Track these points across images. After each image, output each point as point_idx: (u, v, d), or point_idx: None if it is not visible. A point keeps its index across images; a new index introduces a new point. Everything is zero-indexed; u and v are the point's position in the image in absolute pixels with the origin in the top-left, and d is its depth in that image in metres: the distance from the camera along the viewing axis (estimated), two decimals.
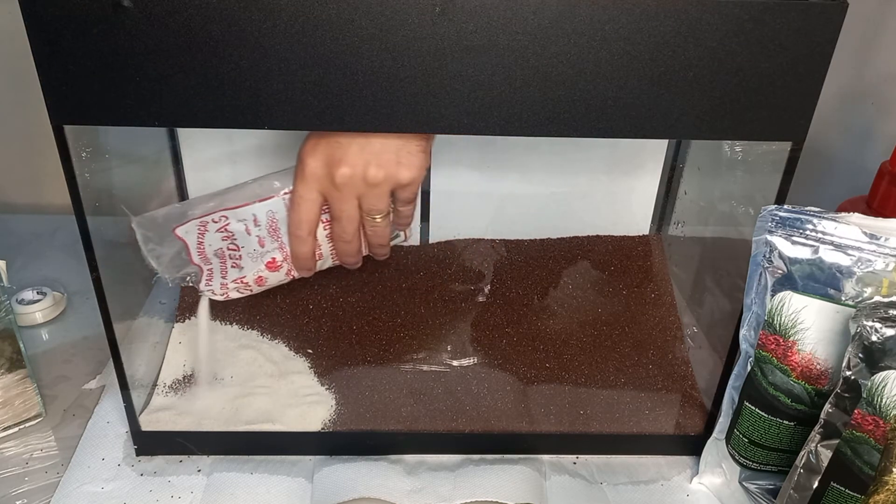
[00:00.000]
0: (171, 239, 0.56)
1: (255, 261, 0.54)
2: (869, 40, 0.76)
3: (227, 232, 0.55)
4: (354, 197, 0.49)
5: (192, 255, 0.55)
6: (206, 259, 0.55)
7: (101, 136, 0.51)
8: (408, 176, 0.48)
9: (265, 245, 0.54)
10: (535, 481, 0.54)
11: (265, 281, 0.55)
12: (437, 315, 0.63)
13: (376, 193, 0.49)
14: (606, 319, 0.63)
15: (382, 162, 0.47)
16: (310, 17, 0.39)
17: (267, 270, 0.54)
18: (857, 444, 0.43)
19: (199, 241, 0.55)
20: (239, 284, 0.55)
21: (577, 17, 0.39)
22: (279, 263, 0.54)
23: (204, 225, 0.55)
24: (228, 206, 0.55)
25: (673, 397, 0.59)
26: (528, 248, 0.68)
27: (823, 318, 0.46)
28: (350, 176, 0.48)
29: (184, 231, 0.55)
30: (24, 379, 0.56)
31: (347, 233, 0.51)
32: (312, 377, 0.59)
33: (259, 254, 0.54)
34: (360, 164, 0.47)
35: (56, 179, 0.44)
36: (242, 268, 0.55)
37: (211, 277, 0.55)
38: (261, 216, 0.54)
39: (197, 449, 0.55)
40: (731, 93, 0.42)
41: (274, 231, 0.54)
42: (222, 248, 0.55)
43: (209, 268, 0.55)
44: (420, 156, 0.48)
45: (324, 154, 0.48)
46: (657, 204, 0.69)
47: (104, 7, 0.38)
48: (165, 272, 0.56)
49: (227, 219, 0.55)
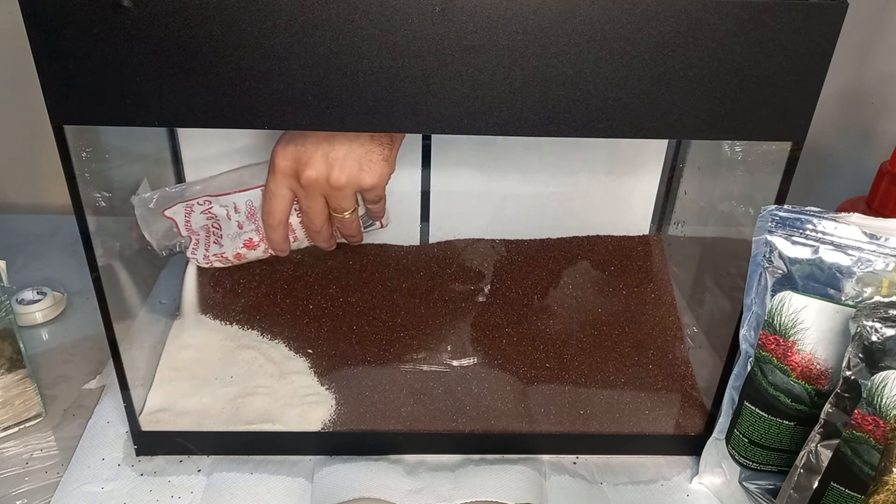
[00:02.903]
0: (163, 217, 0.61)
1: (233, 240, 0.61)
2: (869, 40, 0.76)
3: (210, 214, 0.61)
4: (320, 196, 0.53)
5: (181, 229, 0.61)
6: (193, 231, 0.62)
7: (101, 136, 0.51)
8: (369, 182, 0.52)
9: (243, 227, 0.60)
10: (535, 481, 0.54)
11: (244, 257, 0.61)
12: (437, 315, 0.63)
13: (340, 195, 0.53)
14: (606, 319, 0.63)
15: (345, 167, 0.51)
16: (310, 17, 0.39)
17: (245, 248, 0.60)
18: (857, 444, 0.43)
19: (186, 219, 0.61)
20: (220, 258, 0.61)
21: (577, 17, 0.39)
22: (256, 243, 0.60)
23: (189, 207, 0.61)
24: (212, 192, 0.61)
25: (673, 397, 0.59)
26: (528, 248, 0.68)
27: (823, 318, 0.46)
28: (315, 178, 0.51)
29: (172, 212, 0.61)
30: (24, 379, 0.56)
31: (315, 225, 0.56)
32: (312, 377, 0.59)
33: (237, 234, 0.60)
34: (324, 169, 0.51)
35: (56, 179, 0.44)
36: (223, 245, 0.61)
37: (196, 247, 0.62)
38: (240, 204, 0.60)
39: (197, 449, 0.55)
40: (731, 93, 0.42)
41: (251, 216, 0.60)
42: (207, 225, 0.62)
43: (196, 238, 0.62)
44: (381, 164, 0.51)
45: (292, 155, 0.52)
46: (657, 204, 0.69)
47: (104, 7, 0.38)
48: (157, 243, 0.62)
49: (210, 203, 0.60)
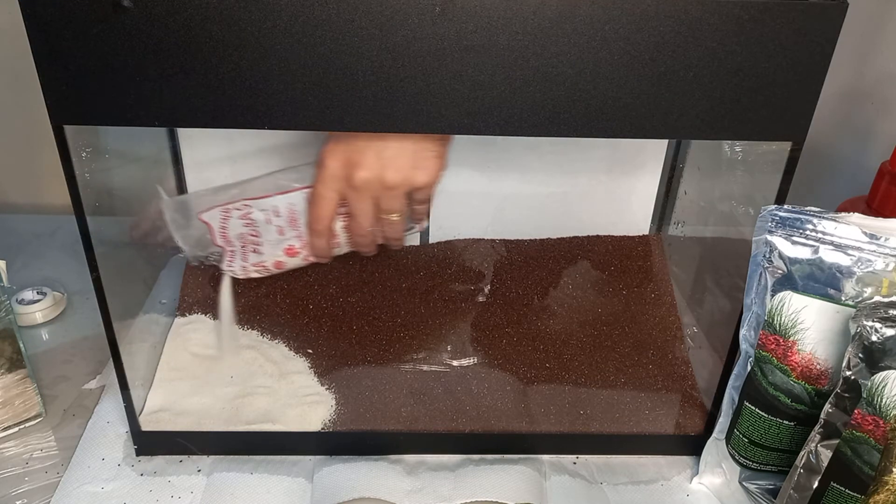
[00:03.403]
0: (197, 221, 0.58)
1: (273, 247, 0.57)
2: (869, 40, 0.76)
3: (248, 220, 0.57)
4: (371, 198, 0.51)
5: (216, 237, 0.58)
6: (228, 241, 0.58)
7: (101, 136, 0.51)
8: (423, 180, 0.50)
9: (284, 234, 0.57)
10: (535, 481, 0.54)
11: (284, 265, 0.59)
12: (437, 315, 0.63)
13: (392, 195, 0.51)
14: (606, 319, 0.63)
15: (399, 166, 0.49)
16: (310, 17, 0.39)
17: (285, 256, 0.57)
18: (857, 444, 0.43)
19: (222, 225, 0.58)
20: (258, 268, 0.58)
21: (577, 17, 0.39)
22: (297, 250, 0.57)
23: (227, 212, 0.57)
24: (251, 195, 0.57)
25: (673, 397, 0.59)
26: (528, 248, 0.68)
27: (823, 318, 0.46)
28: (367, 179, 0.49)
29: (208, 216, 0.57)
30: (24, 379, 0.56)
31: (363, 228, 0.53)
32: (312, 377, 0.59)
33: (278, 241, 0.57)
34: (378, 168, 0.49)
35: (56, 179, 0.44)
36: (262, 254, 0.58)
37: (233, 258, 0.59)
38: (282, 208, 0.56)
39: (197, 449, 0.55)
40: (731, 93, 0.42)
41: (293, 221, 0.56)
42: (244, 234, 0.58)
43: (231, 249, 0.58)
44: (435, 160, 0.50)
45: (343, 157, 0.49)
46: (657, 204, 0.69)
47: (104, 7, 0.38)
48: (190, 251, 0.59)
49: (249, 207, 0.57)
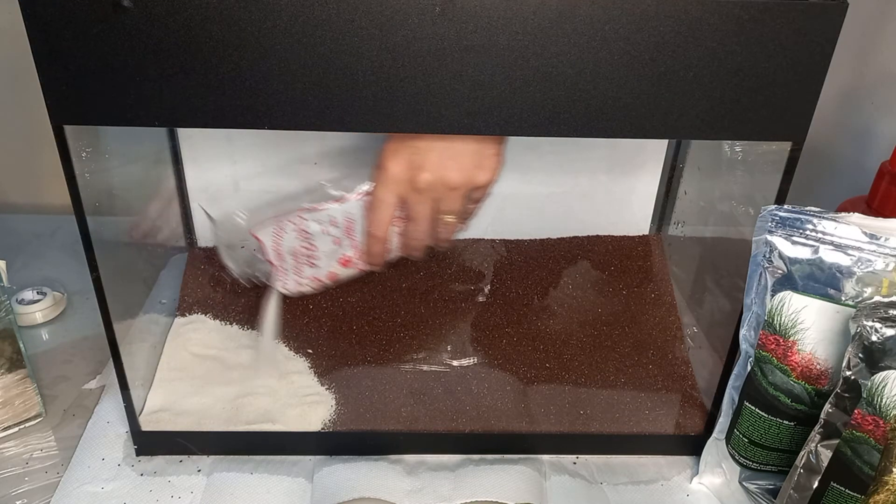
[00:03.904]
0: (250, 239, 0.58)
1: (329, 259, 0.57)
2: (869, 40, 0.76)
3: (304, 233, 0.56)
4: (432, 199, 0.51)
5: (269, 253, 0.57)
6: (281, 257, 0.57)
7: (101, 136, 0.51)
8: (484, 179, 0.50)
9: (340, 244, 0.56)
10: (535, 481, 0.54)
11: (337, 277, 0.59)
12: (437, 315, 0.63)
13: (454, 196, 0.51)
14: (606, 319, 0.63)
15: (462, 167, 0.49)
16: (310, 17, 0.39)
17: (340, 267, 0.57)
18: (857, 444, 0.43)
19: (275, 241, 0.57)
20: (312, 281, 0.58)
21: (577, 17, 0.39)
22: (351, 260, 0.57)
23: (281, 226, 0.56)
24: (305, 207, 0.56)
25: (673, 397, 0.59)
26: (528, 248, 0.68)
27: (823, 318, 0.46)
28: (431, 181, 0.49)
29: (262, 232, 0.57)
30: (24, 379, 0.56)
31: (420, 232, 0.53)
32: (312, 377, 0.59)
33: (333, 252, 0.57)
34: (441, 169, 0.49)
35: (56, 179, 0.44)
36: (317, 266, 0.58)
37: (285, 275, 0.58)
38: (339, 218, 0.56)
39: (197, 449, 0.55)
40: (731, 93, 0.42)
41: (349, 231, 0.56)
42: (297, 248, 0.57)
43: (283, 266, 0.57)
44: (495, 159, 0.50)
45: (405, 159, 0.49)
46: (657, 204, 0.69)
47: (104, 7, 0.38)
48: (239, 270, 0.59)
49: (304, 220, 0.56)
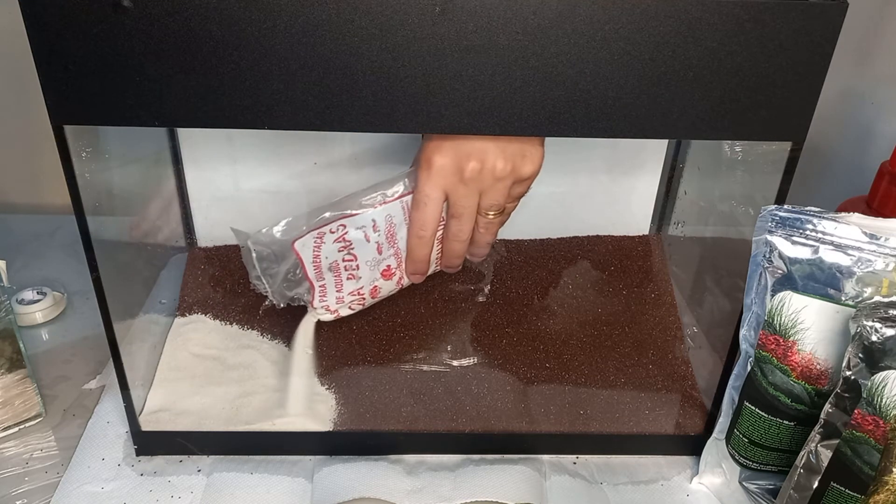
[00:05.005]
0: (288, 255, 0.55)
1: (371, 269, 0.55)
2: (869, 40, 0.76)
3: (344, 241, 0.54)
4: (478, 192, 0.50)
5: (308, 269, 0.54)
6: (320, 275, 0.55)
7: (101, 136, 0.51)
8: (530, 169, 0.49)
9: (382, 252, 0.54)
10: (535, 481, 0.54)
11: (379, 291, 0.56)
12: (437, 315, 0.63)
13: (500, 188, 0.50)
14: (606, 319, 0.63)
15: (508, 155, 0.48)
16: (310, 17, 0.39)
17: (382, 279, 0.55)
18: (857, 444, 0.43)
19: (314, 254, 0.54)
20: (354, 297, 0.55)
21: (577, 17, 0.39)
22: (393, 271, 0.55)
23: (321, 236, 0.54)
24: (345, 213, 0.54)
25: (673, 397, 0.59)
26: (528, 248, 0.68)
27: (823, 318, 0.46)
28: (479, 171, 0.48)
29: (301, 245, 0.54)
30: (24, 379, 0.56)
31: (464, 231, 0.52)
32: (312, 377, 0.59)
33: (376, 261, 0.54)
34: (489, 158, 0.48)
35: (56, 179, 0.44)
36: (360, 278, 0.55)
37: (325, 293, 0.55)
38: (380, 221, 0.53)
39: (197, 449, 0.55)
40: (731, 93, 0.42)
41: (391, 237, 0.54)
42: (337, 261, 0.55)
43: (322, 284, 0.55)
44: (540, 149, 0.49)
45: (451, 150, 0.48)
46: (657, 204, 0.69)
47: (104, 7, 0.38)
48: (276, 293, 0.55)
49: (344, 228, 0.54)
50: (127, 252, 0.60)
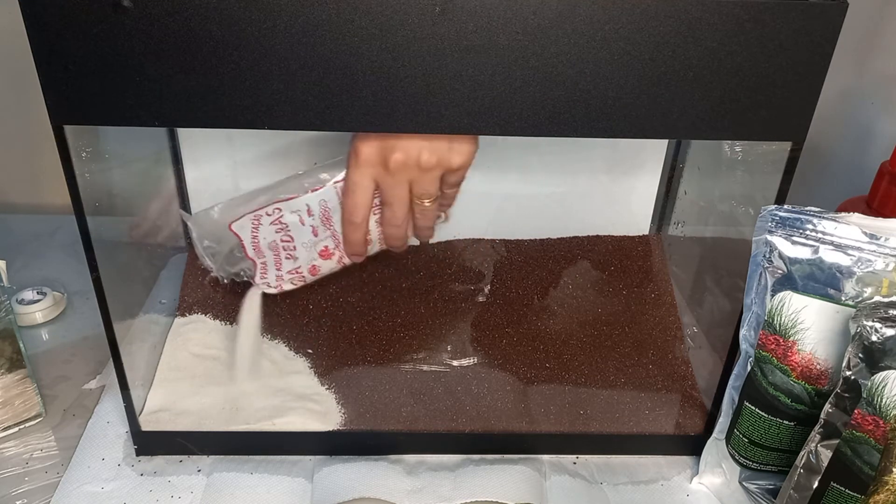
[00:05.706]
0: (226, 235, 0.57)
1: (308, 250, 0.56)
2: (869, 40, 0.76)
3: (280, 224, 0.56)
4: (406, 182, 0.50)
5: (247, 249, 0.56)
6: (260, 252, 0.57)
7: (101, 136, 0.51)
8: (459, 161, 0.49)
9: (318, 234, 0.56)
10: (535, 481, 0.54)
11: (318, 270, 0.57)
12: (437, 315, 0.63)
13: (428, 178, 0.50)
14: (606, 319, 0.63)
15: (435, 147, 0.48)
16: (310, 17, 0.39)
17: (320, 259, 0.56)
18: (857, 444, 0.43)
19: (253, 235, 0.56)
20: (293, 275, 0.57)
21: (577, 17, 0.39)
22: (331, 251, 0.56)
23: (258, 218, 0.56)
24: (280, 198, 0.56)
25: (673, 397, 0.59)
26: (528, 248, 0.68)
27: (823, 318, 0.46)
28: (404, 162, 0.49)
29: (238, 226, 0.56)
30: (24, 379, 0.56)
31: (398, 217, 0.52)
32: (312, 377, 0.59)
33: (312, 243, 0.56)
34: (414, 150, 0.48)
35: (56, 179, 0.44)
36: (297, 258, 0.57)
37: (266, 270, 0.57)
38: (314, 206, 0.55)
39: (197, 449, 0.55)
40: (731, 93, 0.42)
41: (326, 220, 0.55)
42: (276, 241, 0.56)
43: (263, 261, 0.57)
44: (469, 141, 0.49)
45: (377, 141, 0.49)
46: (657, 204, 0.69)
47: (104, 7, 0.38)
48: (220, 269, 0.57)
49: (280, 211, 0.56)
50: (127, 252, 0.60)
